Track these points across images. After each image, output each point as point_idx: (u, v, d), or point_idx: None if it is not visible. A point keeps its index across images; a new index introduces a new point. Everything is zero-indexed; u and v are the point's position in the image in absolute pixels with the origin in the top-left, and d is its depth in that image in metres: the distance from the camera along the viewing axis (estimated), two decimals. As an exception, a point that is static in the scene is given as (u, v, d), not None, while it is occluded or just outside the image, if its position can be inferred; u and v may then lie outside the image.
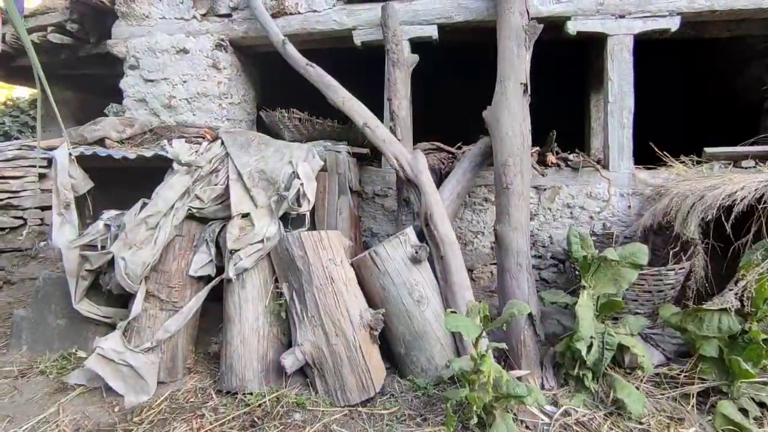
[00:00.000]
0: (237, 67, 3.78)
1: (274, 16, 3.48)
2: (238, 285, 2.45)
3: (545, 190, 3.26)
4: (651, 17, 3.17)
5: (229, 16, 3.58)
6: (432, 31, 3.34)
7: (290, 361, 2.24)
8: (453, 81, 5.87)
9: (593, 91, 3.77)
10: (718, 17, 3.22)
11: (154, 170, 2.77)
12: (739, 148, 3.10)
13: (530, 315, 2.37)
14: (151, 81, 3.68)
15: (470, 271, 3.29)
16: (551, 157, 3.25)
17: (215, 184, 2.67)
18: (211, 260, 2.57)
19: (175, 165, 2.68)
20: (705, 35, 3.55)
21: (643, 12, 3.16)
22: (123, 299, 2.61)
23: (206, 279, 2.62)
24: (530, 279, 2.46)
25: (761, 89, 3.59)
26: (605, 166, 3.25)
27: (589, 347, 2.22)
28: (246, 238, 2.48)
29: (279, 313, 2.43)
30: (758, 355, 2.07)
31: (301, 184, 2.63)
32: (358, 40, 3.43)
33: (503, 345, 1.90)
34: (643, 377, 2.35)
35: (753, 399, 2.10)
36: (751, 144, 3.20)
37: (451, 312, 1.76)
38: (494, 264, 3.28)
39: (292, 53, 3.27)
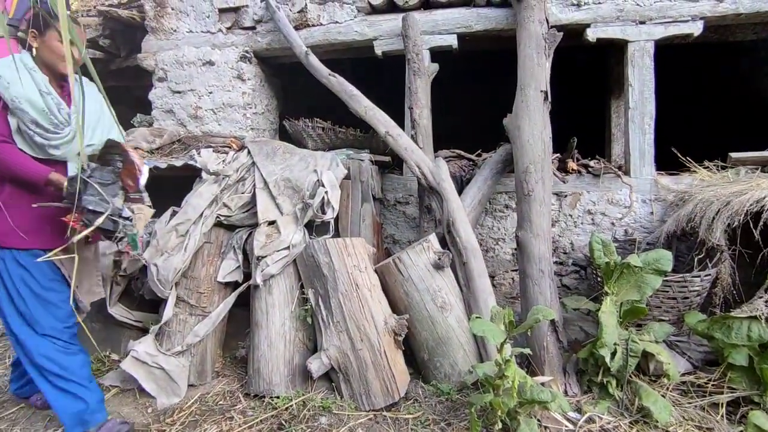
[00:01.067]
0: (261, 77, 3.88)
1: (296, 28, 3.57)
2: (265, 291, 2.51)
3: (566, 196, 3.26)
4: (673, 22, 3.15)
5: (253, 28, 3.68)
6: (452, 41, 3.38)
7: (316, 365, 2.29)
8: (473, 89, 5.89)
9: (613, 98, 3.76)
10: (743, 20, 3.18)
11: (184, 179, 2.87)
12: (766, 153, 3.05)
13: (553, 321, 2.38)
14: (179, 92, 3.81)
15: (491, 277, 3.29)
16: (572, 164, 3.25)
17: (242, 193, 2.76)
18: (239, 267, 2.65)
19: (203, 174, 2.78)
20: (729, 39, 3.51)
21: (665, 17, 3.15)
22: (153, 304, 2.70)
23: (234, 285, 2.70)
24: (552, 285, 2.47)
25: (788, 92, 3.54)
26: (626, 172, 3.24)
27: (613, 354, 2.22)
28: (272, 245, 2.55)
29: (305, 318, 2.49)
30: (789, 364, 2.04)
31: (326, 192, 2.69)
32: (379, 50, 3.50)
33: (528, 350, 1.92)
34: (669, 385, 2.32)
35: (785, 409, 2.07)
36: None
37: (477, 317, 1.79)
38: (515, 270, 3.28)
39: (315, 64, 3.35)
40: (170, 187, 2.83)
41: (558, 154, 3.28)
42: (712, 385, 2.30)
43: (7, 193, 1.88)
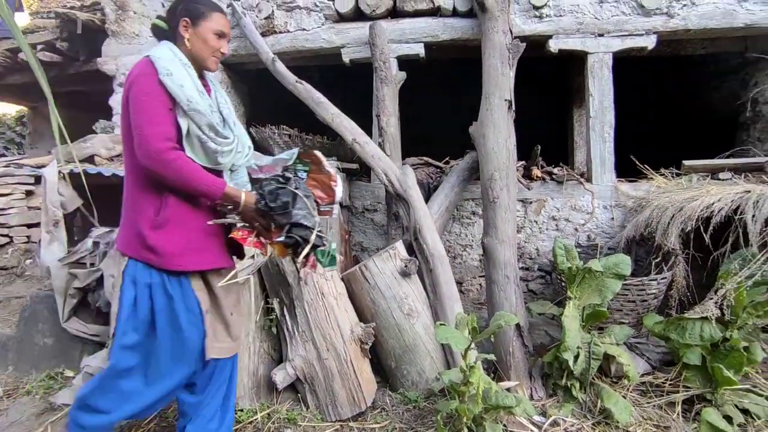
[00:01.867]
0: (226, 83, 3.82)
1: (263, 34, 3.54)
2: (229, 301, 2.45)
3: (531, 203, 3.33)
4: (629, 36, 3.29)
5: (219, 34, 3.63)
6: (419, 49, 3.42)
7: (281, 376, 2.25)
8: (441, 97, 5.98)
9: (576, 107, 3.88)
10: (692, 36, 3.35)
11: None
12: (716, 161, 3.21)
13: (518, 326, 2.41)
14: (141, 98, 3.70)
15: (459, 283, 3.33)
16: (536, 171, 3.33)
17: (205, 201, 2.69)
18: (202, 276, 2.57)
19: (165, 182, 2.70)
20: (681, 52, 3.69)
21: (621, 31, 3.28)
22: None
23: (196, 295, 2.62)
24: (518, 291, 2.51)
25: (736, 103, 3.73)
26: (588, 179, 3.34)
27: (576, 357, 2.26)
28: (237, 254, 2.49)
29: (269, 328, 2.44)
30: (739, 363, 2.13)
31: (292, 200, 2.65)
32: (346, 58, 3.50)
33: (492, 356, 1.93)
34: (630, 386, 2.39)
35: (736, 406, 2.15)
36: (728, 156, 3.31)
37: (441, 324, 1.79)
38: (483, 276, 3.32)
39: (282, 70, 3.32)
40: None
41: (523, 162, 3.35)
42: (669, 384, 2.38)
43: (171, 208, 1.56)
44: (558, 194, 3.33)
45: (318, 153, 1.76)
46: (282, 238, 1.59)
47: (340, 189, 1.77)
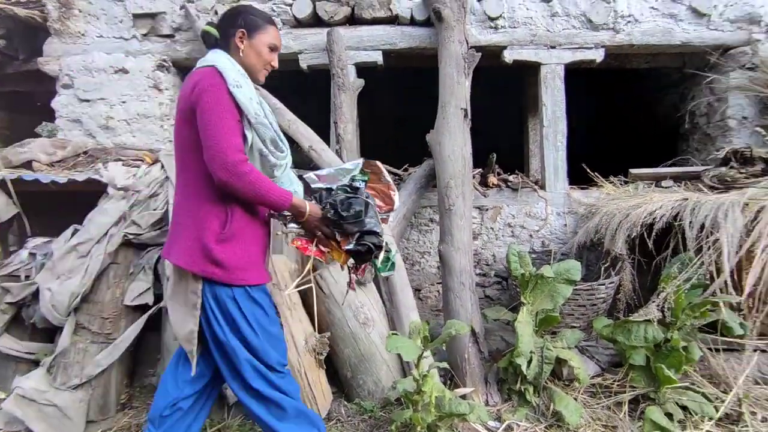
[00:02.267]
0: (179, 87, 3.69)
1: (218, 38, 3.45)
2: (178, 313, 2.35)
3: (487, 210, 3.39)
4: (579, 48, 3.42)
5: (171, 36, 3.51)
6: (377, 57, 3.43)
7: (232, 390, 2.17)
8: (400, 104, 6.02)
9: (531, 116, 3.99)
10: (636, 51, 3.52)
11: (90, 195, 2.64)
12: (659, 170, 3.38)
13: (474, 333, 2.44)
14: (87, 101, 3.52)
15: (418, 291, 3.34)
16: (492, 179, 3.39)
17: (154, 209, 2.58)
18: (149, 288, 2.47)
19: (110, 189, 2.58)
20: (627, 66, 3.87)
21: (572, 44, 3.41)
22: (49, 333, 2.44)
23: (144, 308, 2.51)
24: (473, 297, 2.54)
25: (676, 116, 3.94)
26: (542, 187, 3.43)
27: (529, 362, 2.30)
28: (186, 263, 2.40)
29: (221, 341, 2.35)
30: (679, 362, 2.22)
31: (245, 208, 2.59)
32: (304, 64, 3.47)
33: (445, 364, 1.94)
34: (580, 388, 2.45)
35: (677, 403, 2.25)
36: (670, 165, 3.50)
37: (393, 333, 1.78)
38: (441, 283, 3.34)
39: (237, 75, 3.24)
40: (73, 205, 2.60)
41: (480, 169, 3.41)
42: (617, 385, 2.46)
43: (236, 222, 1.54)
44: (513, 201, 3.40)
45: (378, 163, 1.83)
46: (352, 246, 1.61)
47: (398, 197, 1.84)
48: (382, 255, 1.66)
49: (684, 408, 2.23)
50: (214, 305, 1.53)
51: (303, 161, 3.18)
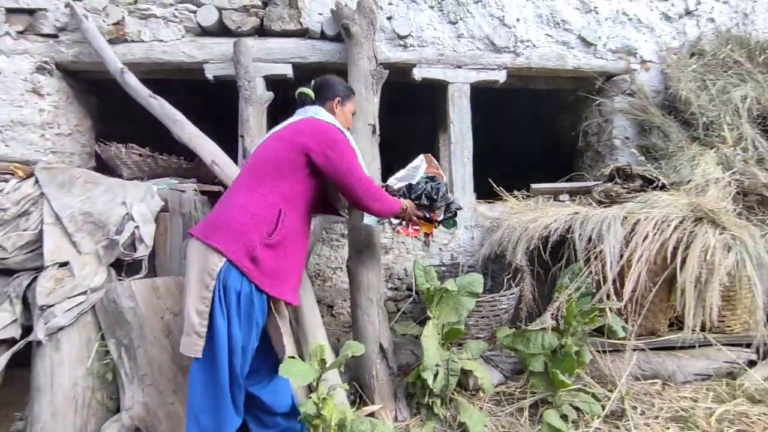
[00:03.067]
0: (67, 93, 3.35)
1: (112, 41, 3.19)
2: (51, 347, 2.10)
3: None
4: (483, 69, 3.60)
5: (55, 36, 3.18)
6: (287, 70, 3.36)
7: (114, 429, 1.96)
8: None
9: (441, 132, 4.13)
10: (535, 73, 3.78)
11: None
12: (556, 185, 3.63)
13: (382, 348, 2.42)
14: (-52, 105, 3.08)
15: (330, 307, 3.27)
16: (405, 193, 3.44)
17: (24, 230, 2.29)
18: (16, 320, 2.17)
19: (-33, 208, 2.25)
20: (530, 86, 4.14)
21: (477, 64, 3.58)
22: None
23: (10, 343, 2.20)
24: (381, 313, 2.53)
25: (571, 134, 4.29)
26: (452, 201, 3.54)
27: (436, 375, 2.33)
28: (63, 290, 2.16)
29: (105, 374, 2.13)
30: (572, 366, 2.36)
31: (136, 227, 2.39)
32: (209, 75, 3.30)
33: (345, 386, 1.89)
34: (485, 397, 2.53)
35: (571, 405, 2.39)
36: (567, 181, 3.77)
37: (291, 357, 1.71)
38: (354, 299, 3.31)
39: (133, 83, 3.01)
40: None
41: (392, 184, 3.44)
42: (519, 391, 2.57)
43: (281, 234, 1.77)
44: (425, 215, 3.46)
45: (430, 155, 2.52)
46: (443, 216, 2.37)
47: (445, 178, 2.54)
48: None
49: (577, 408, 2.37)
50: (222, 293, 1.67)
51: (208, 175, 3.01)
